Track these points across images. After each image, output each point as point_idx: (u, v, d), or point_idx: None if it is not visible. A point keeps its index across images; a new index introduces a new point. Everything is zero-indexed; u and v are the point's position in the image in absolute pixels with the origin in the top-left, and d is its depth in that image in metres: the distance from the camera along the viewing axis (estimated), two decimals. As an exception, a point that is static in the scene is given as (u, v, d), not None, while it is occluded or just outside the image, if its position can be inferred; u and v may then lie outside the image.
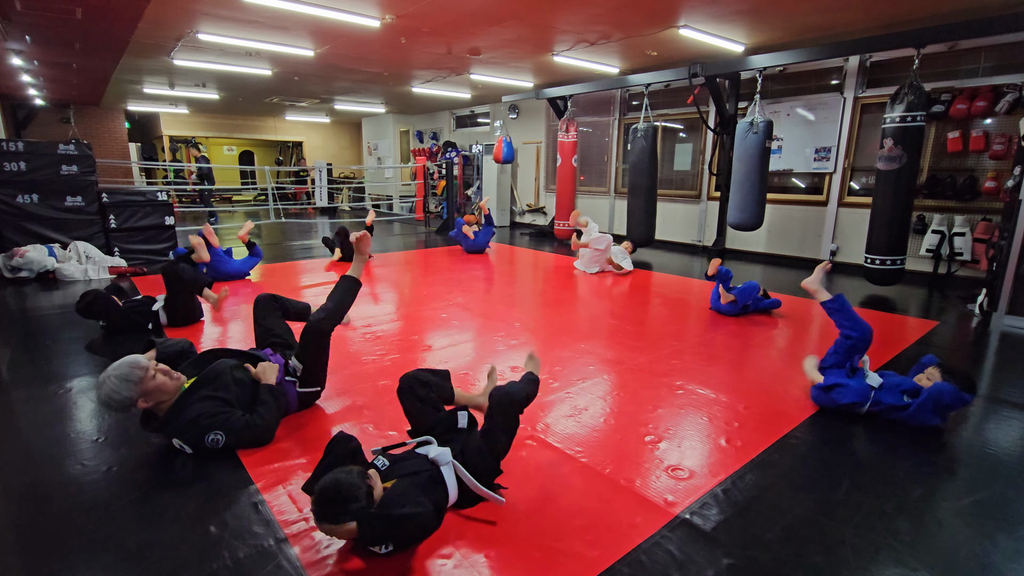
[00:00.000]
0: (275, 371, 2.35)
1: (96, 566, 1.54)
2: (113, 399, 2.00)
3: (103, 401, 2.01)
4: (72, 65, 7.68)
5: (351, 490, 1.47)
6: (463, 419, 1.94)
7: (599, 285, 5.48)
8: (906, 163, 4.63)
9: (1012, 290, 4.00)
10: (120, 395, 1.99)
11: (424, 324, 4.01)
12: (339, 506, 1.46)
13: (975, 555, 1.63)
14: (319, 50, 6.66)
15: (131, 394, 2.01)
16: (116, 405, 2.01)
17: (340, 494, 1.47)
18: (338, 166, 16.33)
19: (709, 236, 7.64)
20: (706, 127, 7.27)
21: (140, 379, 2.02)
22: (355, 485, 1.48)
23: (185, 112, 14.33)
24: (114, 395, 1.99)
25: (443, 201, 10.62)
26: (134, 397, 2.02)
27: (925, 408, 2.37)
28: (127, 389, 2.00)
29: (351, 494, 1.47)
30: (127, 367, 2.02)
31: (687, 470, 2.06)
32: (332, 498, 1.47)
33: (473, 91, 9.89)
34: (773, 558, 1.60)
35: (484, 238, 7.32)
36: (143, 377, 2.03)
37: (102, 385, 2.00)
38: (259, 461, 2.08)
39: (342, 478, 1.50)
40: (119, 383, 1.99)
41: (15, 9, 4.98)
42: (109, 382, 1.99)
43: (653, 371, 3.09)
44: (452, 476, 1.75)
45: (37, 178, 5.62)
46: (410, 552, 1.59)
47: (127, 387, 2.00)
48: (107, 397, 2.00)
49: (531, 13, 5.12)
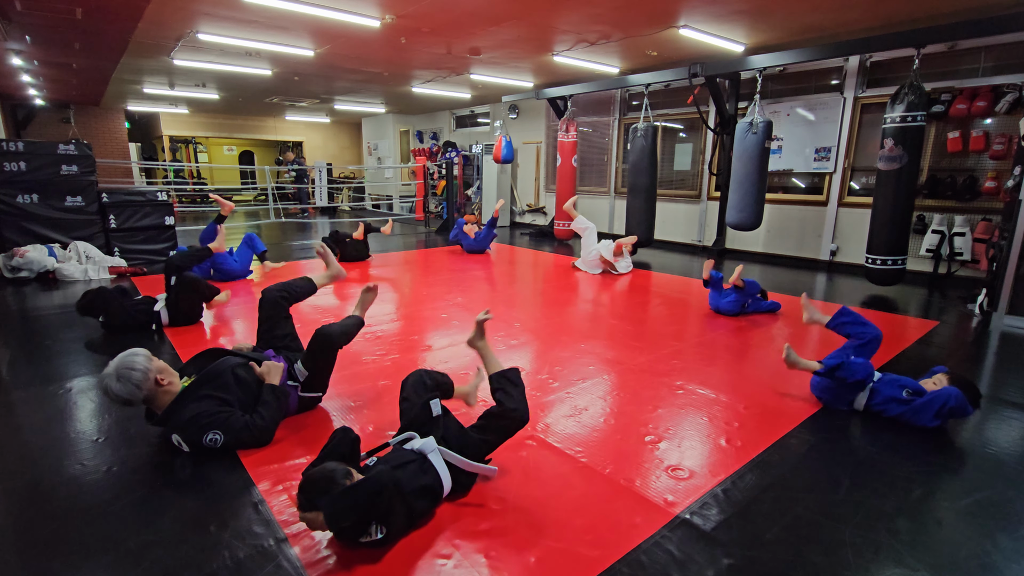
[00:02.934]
0: (280, 371, 2.34)
1: (96, 566, 1.54)
2: (118, 396, 2.01)
3: (104, 390, 2.03)
4: (72, 65, 7.69)
5: (326, 483, 1.51)
6: (436, 407, 1.96)
7: (599, 285, 5.48)
8: (906, 163, 4.63)
9: (1012, 290, 4.00)
10: (123, 389, 2.01)
11: (424, 324, 4.01)
12: (310, 495, 1.51)
13: (975, 555, 1.63)
14: (319, 50, 6.66)
15: (133, 389, 2.02)
16: (117, 398, 2.03)
17: (315, 484, 1.52)
18: (338, 166, 16.33)
19: (709, 236, 7.65)
20: (706, 127, 7.27)
21: (142, 380, 2.04)
22: (333, 480, 1.51)
23: (185, 112, 14.33)
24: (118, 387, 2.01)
25: (443, 201, 10.62)
26: (137, 393, 2.03)
27: (929, 408, 2.37)
28: (129, 385, 2.01)
29: (325, 486, 1.50)
30: (131, 360, 2.05)
31: (687, 470, 2.06)
32: (305, 487, 1.53)
33: (473, 91, 9.89)
34: (773, 558, 1.60)
35: (485, 239, 7.32)
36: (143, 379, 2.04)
37: (106, 376, 2.02)
38: (259, 461, 2.07)
39: (323, 470, 1.56)
40: (121, 377, 2.01)
41: (15, 9, 4.98)
42: (112, 375, 2.01)
43: (653, 371, 3.09)
44: (441, 461, 1.77)
45: (37, 178, 5.62)
46: (410, 551, 1.59)
47: (127, 384, 2.01)
48: (111, 391, 2.01)
49: (531, 13, 5.12)
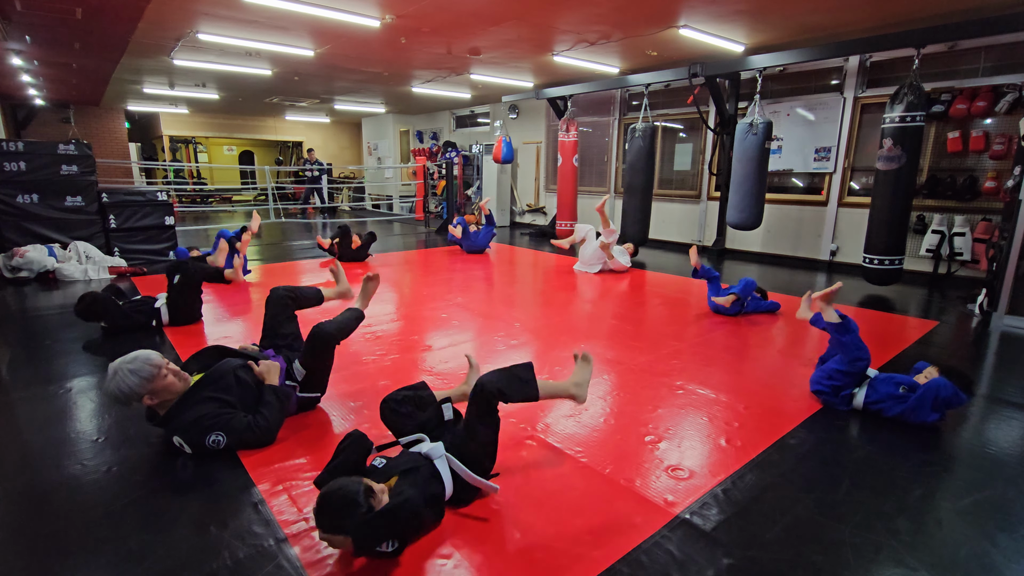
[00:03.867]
0: (277, 371, 2.35)
1: (96, 566, 1.54)
2: (121, 391, 2.01)
3: (110, 391, 2.02)
4: (72, 65, 7.68)
5: (349, 506, 1.44)
6: (448, 411, 1.95)
7: (599, 285, 5.48)
8: (906, 163, 4.63)
9: (1012, 290, 4.00)
10: (128, 388, 2.00)
11: (424, 324, 4.01)
12: (334, 519, 1.44)
13: (975, 555, 1.63)
14: (319, 50, 6.66)
15: (139, 389, 2.02)
16: (121, 397, 2.02)
17: (336, 507, 1.44)
18: (338, 166, 16.33)
19: (709, 236, 7.65)
20: (706, 127, 7.27)
21: (151, 376, 2.03)
22: (355, 502, 1.44)
23: (185, 112, 14.33)
24: (122, 386, 2.00)
25: (443, 201, 10.62)
26: (141, 392, 2.03)
27: (924, 402, 2.37)
28: (137, 384, 2.01)
29: (349, 510, 1.43)
30: (141, 362, 2.04)
31: (687, 470, 2.06)
32: (326, 509, 1.45)
33: (473, 91, 9.89)
34: (773, 558, 1.60)
35: (484, 238, 7.32)
36: (155, 375, 2.04)
37: (112, 376, 2.01)
38: (259, 462, 2.08)
39: (345, 491, 1.47)
40: (130, 376, 2.00)
41: (15, 9, 4.98)
42: (120, 374, 2.00)
43: (653, 371, 3.09)
44: (446, 468, 1.76)
45: (37, 178, 5.62)
46: (410, 552, 1.59)
47: (137, 381, 2.01)
48: (116, 388, 2.01)
49: (531, 13, 5.12)
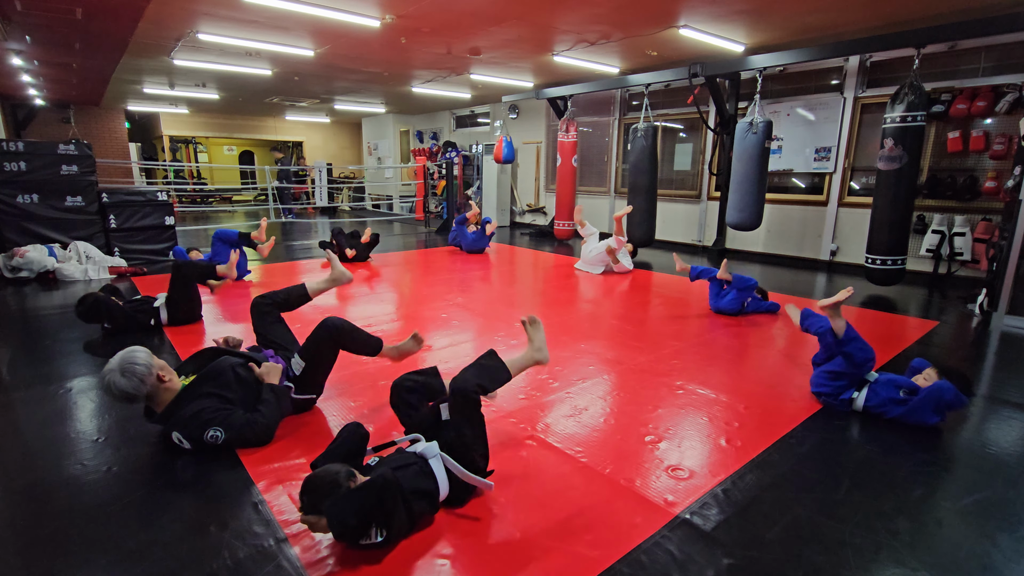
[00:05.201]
0: (278, 372, 2.36)
1: (96, 566, 1.54)
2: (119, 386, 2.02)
3: (107, 386, 2.03)
4: (72, 65, 7.68)
5: (330, 486, 1.50)
6: (445, 411, 1.95)
7: (599, 285, 5.48)
8: (906, 163, 4.63)
9: (1012, 290, 4.00)
10: (127, 383, 2.02)
11: (424, 324, 4.01)
12: (314, 498, 1.50)
13: (975, 555, 1.63)
14: (319, 50, 6.66)
15: (137, 383, 2.03)
16: (121, 393, 2.03)
17: (318, 487, 1.51)
18: (338, 166, 16.33)
19: (709, 236, 7.64)
20: (706, 127, 7.27)
21: (145, 375, 2.05)
22: (336, 483, 1.51)
23: (185, 112, 14.33)
24: (122, 381, 2.01)
25: (443, 201, 10.62)
26: (141, 388, 2.04)
27: (926, 406, 2.37)
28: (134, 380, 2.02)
29: (329, 490, 1.49)
30: (133, 356, 2.06)
31: (687, 470, 2.06)
32: (308, 489, 1.53)
33: (473, 91, 9.89)
34: (773, 558, 1.60)
35: (483, 239, 7.32)
36: (146, 374, 2.05)
37: (109, 372, 2.02)
38: (259, 461, 2.07)
39: (327, 472, 1.55)
40: (125, 372, 2.02)
41: (15, 9, 4.97)
42: (116, 371, 2.02)
43: (653, 371, 3.09)
44: (441, 468, 1.76)
45: (37, 178, 5.62)
46: (409, 552, 1.59)
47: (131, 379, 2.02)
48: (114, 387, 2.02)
49: (531, 13, 5.12)
